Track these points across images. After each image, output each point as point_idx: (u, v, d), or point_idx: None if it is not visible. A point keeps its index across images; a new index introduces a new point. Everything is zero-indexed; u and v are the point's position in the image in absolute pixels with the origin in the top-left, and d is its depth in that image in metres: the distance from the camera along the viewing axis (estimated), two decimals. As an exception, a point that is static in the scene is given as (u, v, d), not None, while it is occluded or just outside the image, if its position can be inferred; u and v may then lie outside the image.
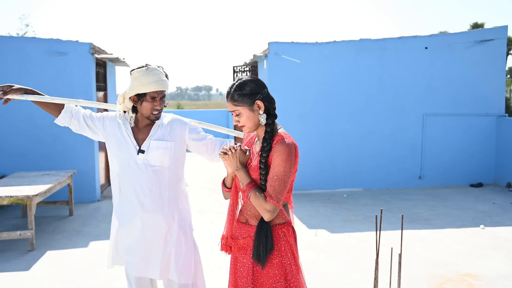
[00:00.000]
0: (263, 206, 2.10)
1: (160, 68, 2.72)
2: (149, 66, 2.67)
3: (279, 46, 8.45)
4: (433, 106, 8.92)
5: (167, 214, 2.75)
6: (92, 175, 7.93)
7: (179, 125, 2.83)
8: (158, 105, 2.70)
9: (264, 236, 2.13)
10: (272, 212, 2.10)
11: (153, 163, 2.72)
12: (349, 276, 4.59)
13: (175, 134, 2.79)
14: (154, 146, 2.72)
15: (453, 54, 8.88)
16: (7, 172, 7.65)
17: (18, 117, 7.71)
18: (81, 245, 5.65)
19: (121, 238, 2.80)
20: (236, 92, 2.19)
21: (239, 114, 2.21)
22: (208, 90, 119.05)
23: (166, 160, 2.74)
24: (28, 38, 8.18)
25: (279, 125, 2.25)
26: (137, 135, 2.77)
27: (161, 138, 2.75)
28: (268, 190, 2.10)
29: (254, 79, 2.22)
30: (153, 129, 2.76)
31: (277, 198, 2.09)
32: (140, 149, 2.72)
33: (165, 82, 2.70)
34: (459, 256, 5.11)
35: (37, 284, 4.49)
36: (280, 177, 2.09)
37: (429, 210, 7.20)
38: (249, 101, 2.18)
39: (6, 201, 5.44)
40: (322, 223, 6.51)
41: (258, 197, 2.11)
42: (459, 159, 9.08)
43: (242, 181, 2.19)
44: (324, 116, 8.67)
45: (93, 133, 2.82)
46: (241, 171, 2.20)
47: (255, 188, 2.13)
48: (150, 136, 2.75)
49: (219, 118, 17.03)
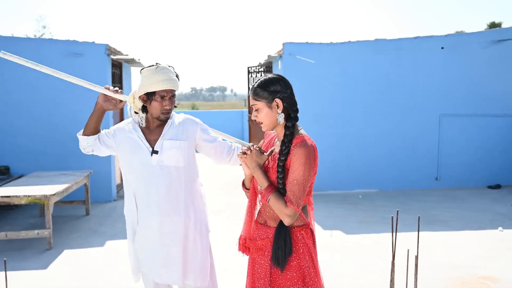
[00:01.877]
0: (283, 211, 2.08)
1: (171, 68, 2.70)
2: (159, 65, 2.65)
3: (293, 47, 8.43)
4: (450, 106, 8.83)
5: (184, 216, 2.72)
6: (108, 175, 8.00)
7: (191, 124, 2.81)
8: (168, 104, 2.66)
9: (283, 239, 2.12)
10: (292, 217, 2.09)
11: (167, 163, 2.68)
12: (364, 277, 4.56)
13: (187, 133, 2.76)
14: (167, 146, 2.69)
15: (469, 54, 8.78)
16: (25, 172, 7.75)
17: (35, 118, 7.80)
18: (97, 245, 5.70)
19: (139, 245, 2.76)
20: (259, 87, 2.20)
21: (258, 109, 2.22)
22: (222, 91, 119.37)
23: (181, 159, 2.70)
24: (45, 39, 8.28)
25: (299, 126, 2.24)
26: (149, 136, 2.74)
27: (174, 137, 2.71)
28: (288, 195, 2.09)
29: (280, 78, 2.23)
30: (165, 128, 2.73)
31: (297, 203, 2.08)
32: (153, 150, 2.69)
33: (175, 81, 2.67)
34: (477, 258, 5.05)
35: (54, 283, 4.54)
36: (299, 182, 2.07)
37: (446, 211, 7.13)
38: (269, 98, 2.18)
39: (24, 201, 5.52)
40: (337, 224, 6.48)
41: (278, 201, 2.10)
42: (476, 160, 8.97)
43: (260, 183, 2.18)
44: (339, 117, 8.63)
45: (108, 148, 2.80)
46: (258, 172, 2.19)
47: (274, 192, 2.12)
48: (162, 136, 2.71)
49: (234, 119, 17.04)
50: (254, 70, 10.36)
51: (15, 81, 7.74)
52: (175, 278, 2.74)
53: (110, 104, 2.69)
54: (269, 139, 2.41)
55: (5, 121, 7.77)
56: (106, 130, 2.84)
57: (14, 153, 7.81)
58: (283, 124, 2.21)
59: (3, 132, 7.78)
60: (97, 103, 2.68)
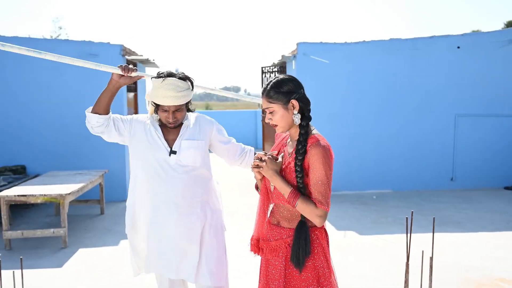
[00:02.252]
0: (314, 212, 2.08)
1: (180, 81, 2.60)
2: (166, 79, 2.58)
3: (307, 47, 8.41)
4: (466, 106, 8.74)
5: (200, 214, 2.73)
6: (122, 175, 8.05)
7: (206, 123, 2.81)
8: (170, 118, 2.64)
9: (304, 239, 2.11)
10: (324, 217, 2.09)
11: (185, 163, 2.69)
12: (378, 278, 4.53)
13: (204, 133, 2.77)
14: (185, 146, 2.69)
15: (486, 53, 8.68)
16: (41, 171, 7.85)
17: (51, 117, 7.89)
18: (112, 243, 5.74)
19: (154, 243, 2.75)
20: (272, 89, 2.17)
21: (272, 112, 2.18)
22: (236, 91, 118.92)
23: (198, 159, 2.71)
24: (61, 40, 8.37)
25: (312, 126, 2.23)
26: (167, 135, 2.74)
27: (191, 137, 2.72)
28: (316, 197, 2.08)
29: (292, 78, 2.21)
30: (183, 129, 2.73)
31: (326, 203, 2.08)
32: (172, 150, 2.69)
33: (178, 98, 2.59)
34: (492, 260, 4.99)
35: (69, 281, 4.58)
36: (324, 181, 2.08)
37: (461, 213, 7.05)
38: (284, 100, 2.15)
39: (40, 200, 5.58)
40: (351, 224, 6.45)
41: (306, 204, 2.08)
42: (493, 160, 8.86)
43: (282, 191, 2.15)
44: (353, 117, 8.59)
45: (120, 135, 2.74)
46: (278, 181, 2.15)
47: (300, 196, 2.10)
48: (180, 136, 2.72)
49: (247, 119, 17.05)
50: (268, 70, 10.35)
51: (30, 82, 7.83)
52: (190, 274, 2.73)
53: (126, 79, 2.62)
54: (281, 139, 2.39)
55: (21, 121, 7.87)
56: (120, 115, 2.79)
57: (30, 152, 7.91)
58: (297, 124, 2.20)
59: (20, 132, 7.88)
60: (112, 79, 2.61)
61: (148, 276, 4.62)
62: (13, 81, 7.82)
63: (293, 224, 2.19)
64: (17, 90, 7.84)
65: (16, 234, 5.51)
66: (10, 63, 7.80)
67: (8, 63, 7.80)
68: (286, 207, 2.20)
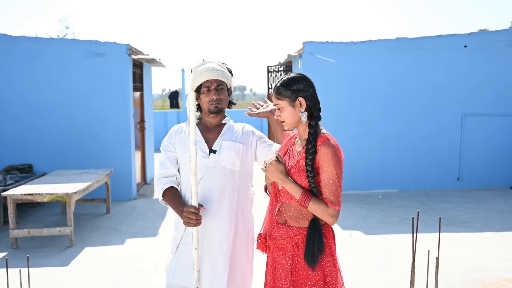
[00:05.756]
0: (327, 212, 2.09)
1: (219, 62, 2.62)
2: (206, 59, 2.59)
3: (313, 46, 8.40)
4: (473, 106, 8.69)
5: (234, 222, 2.57)
6: (128, 174, 8.08)
7: (250, 131, 2.68)
8: (214, 94, 2.53)
9: (318, 236, 2.12)
10: (336, 217, 2.10)
11: (224, 164, 2.54)
12: (384, 278, 4.52)
13: (246, 138, 2.64)
14: (226, 146, 2.55)
15: (493, 52, 8.63)
16: (47, 170, 7.88)
17: (58, 117, 7.93)
18: (118, 242, 5.76)
19: (183, 253, 2.57)
20: (282, 86, 2.21)
21: (281, 108, 2.22)
22: (242, 90, 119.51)
23: (237, 162, 2.56)
24: (68, 40, 8.40)
25: (321, 126, 2.23)
26: (207, 134, 2.62)
27: (233, 139, 2.60)
28: (328, 196, 2.09)
29: (303, 76, 2.23)
30: (224, 129, 2.62)
31: (338, 202, 2.09)
32: (211, 149, 2.56)
33: (219, 72, 2.53)
34: (499, 260, 4.96)
35: (76, 280, 4.60)
36: (335, 181, 2.09)
37: (468, 212, 7.02)
38: (292, 97, 2.18)
39: (47, 198, 5.61)
40: (356, 224, 6.44)
41: (318, 205, 2.09)
42: (500, 160, 8.81)
43: (293, 193, 2.15)
44: (359, 116, 8.56)
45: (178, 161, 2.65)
46: (287, 183, 2.15)
47: (312, 197, 2.10)
48: (221, 135, 2.60)
49: (253, 119, 17.03)
50: (273, 69, 10.35)
51: (38, 81, 7.87)
52: (220, 285, 2.52)
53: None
54: (289, 139, 2.39)
55: (29, 120, 7.91)
56: (165, 143, 2.68)
57: (37, 151, 7.95)
58: (306, 123, 2.20)
59: (27, 131, 7.93)
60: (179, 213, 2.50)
61: (156, 275, 4.63)
62: (21, 81, 7.86)
63: (300, 223, 2.20)
64: (24, 90, 7.88)
65: (22, 233, 5.54)
66: (18, 63, 7.85)
67: (17, 63, 7.84)
68: (294, 205, 2.20)
